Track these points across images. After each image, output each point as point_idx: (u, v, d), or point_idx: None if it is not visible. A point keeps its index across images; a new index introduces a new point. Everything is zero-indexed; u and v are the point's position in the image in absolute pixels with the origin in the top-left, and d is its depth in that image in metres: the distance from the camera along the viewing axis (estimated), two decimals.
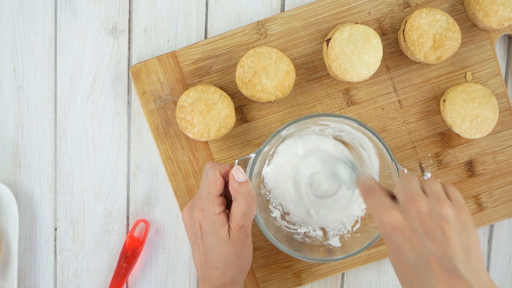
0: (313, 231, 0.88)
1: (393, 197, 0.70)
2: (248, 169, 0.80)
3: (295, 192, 0.88)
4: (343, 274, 0.93)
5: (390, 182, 0.83)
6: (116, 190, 0.92)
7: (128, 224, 0.92)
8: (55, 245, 0.92)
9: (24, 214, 0.92)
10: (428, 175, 0.90)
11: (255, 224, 0.90)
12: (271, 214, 0.87)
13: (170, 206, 0.92)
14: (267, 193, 0.88)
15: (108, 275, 0.92)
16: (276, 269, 0.91)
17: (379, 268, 0.93)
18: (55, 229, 0.92)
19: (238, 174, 0.76)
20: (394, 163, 0.80)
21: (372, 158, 0.86)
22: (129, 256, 0.90)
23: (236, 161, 0.79)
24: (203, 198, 0.77)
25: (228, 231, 0.77)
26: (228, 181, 0.77)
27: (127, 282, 0.93)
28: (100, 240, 0.92)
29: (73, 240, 0.92)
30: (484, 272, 0.64)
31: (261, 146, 0.80)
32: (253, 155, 0.79)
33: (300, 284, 0.91)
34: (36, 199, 0.92)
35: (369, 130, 0.80)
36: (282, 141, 0.86)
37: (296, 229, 0.88)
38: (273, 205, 0.88)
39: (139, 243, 0.90)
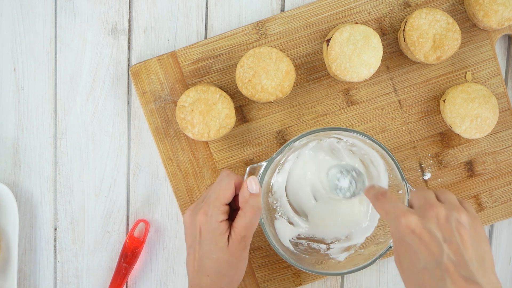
0: (316, 243, 0.88)
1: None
2: (258, 177, 0.80)
3: (303, 201, 0.88)
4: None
5: (400, 192, 0.83)
6: (116, 190, 0.92)
7: (128, 224, 0.92)
8: (55, 245, 0.92)
9: (24, 214, 0.92)
10: (428, 175, 0.90)
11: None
12: (277, 223, 0.87)
13: (170, 206, 0.92)
14: (275, 202, 0.88)
15: (108, 275, 0.92)
16: (276, 269, 0.91)
17: (379, 268, 0.93)
18: (55, 229, 0.92)
19: (252, 185, 0.76)
20: (404, 182, 0.80)
21: (381, 176, 0.85)
22: (129, 256, 0.90)
23: (248, 168, 0.79)
24: (210, 203, 0.77)
25: (228, 240, 0.76)
26: (239, 191, 0.77)
27: (127, 282, 0.93)
28: (100, 240, 0.92)
29: (73, 240, 0.92)
30: (498, 284, 0.64)
31: (274, 155, 0.80)
32: (264, 163, 0.79)
33: (300, 284, 0.91)
34: (36, 199, 0.92)
35: (381, 146, 0.80)
36: (294, 151, 0.86)
37: (300, 240, 0.88)
38: (279, 214, 0.88)
39: (139, 243, 0.90)
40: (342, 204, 0.87)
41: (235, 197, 0.79)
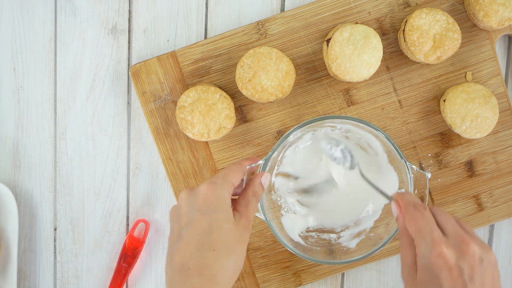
0: (326, 233, 0.88)
1: None
2: None
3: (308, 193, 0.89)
4: (343, 274, 0.93)
5: (403, 190, 0.83)
6: (116, 190, 0.92)
7: (128, 224, 0.92)
8: (55, 245, 0.92)
9: (24, 214, 0.92)
10: (428, 175, 0.90)
11: (253, 225, 0.90)
12: (283, 219, 0.87)
13: (170, 206, 0.92)
14: (278, 199, 0.88)
15: (108, 275, 0.92)
16: (276, 269, 0.91)
17: (379, 268, 0.93)
18: (55, 229, 0.92)
19: (266, 178, 0.76)
20: (403, 160, 0.80)
21: (380, 157, 0.86)
22: (129, 256, 0.90)
23: (246, 168, 0.78)
24: (219, 177, 0.70)
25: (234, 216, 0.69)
26: (249, 182, 0.75)
27: (127, 282, 0.93)
28: (100, 240, 0.92)
29: (73, 240, 0.92)
30: None
31: (269, 153, 0.80)
32: (261, 162, 0.80)
33: (300, 284, 0.91)
34: (36, 199, 0.92)
35: (374, 128, 0.81)
36: (289, 146, 0.86)
37: (310, 232, 0.88)
38: (285, 210, 0.88)
39: (139, 243, 0.90)
40: (346, 191, 0.87)
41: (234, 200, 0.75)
